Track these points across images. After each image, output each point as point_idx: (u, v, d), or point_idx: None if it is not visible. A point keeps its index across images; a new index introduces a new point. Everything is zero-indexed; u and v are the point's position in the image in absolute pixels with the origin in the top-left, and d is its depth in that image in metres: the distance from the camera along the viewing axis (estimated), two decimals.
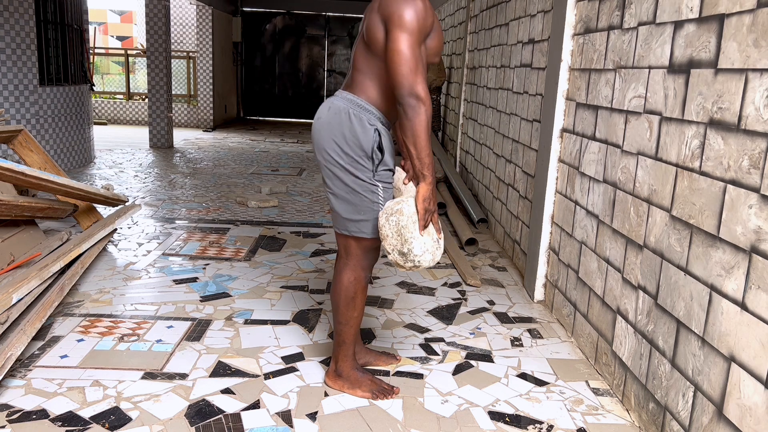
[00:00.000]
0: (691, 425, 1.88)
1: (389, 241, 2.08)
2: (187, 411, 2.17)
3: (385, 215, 2.08)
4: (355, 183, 2.12)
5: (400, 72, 1.94)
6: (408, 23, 1.95)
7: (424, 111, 1.96)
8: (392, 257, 2.11)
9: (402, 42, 1.95)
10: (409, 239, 2.06)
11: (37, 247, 3.50)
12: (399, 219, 2.05)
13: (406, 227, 2.05)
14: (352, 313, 2.27)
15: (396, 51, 1.95)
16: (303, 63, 13.97)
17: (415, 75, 1.94)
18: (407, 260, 2.10)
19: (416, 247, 2.07)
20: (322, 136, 2.15)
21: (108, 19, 28.98)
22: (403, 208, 2.06)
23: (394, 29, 1.96)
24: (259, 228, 4.66)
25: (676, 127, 2.05)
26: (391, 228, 2.06)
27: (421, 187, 2.07)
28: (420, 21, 1.97)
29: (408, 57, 1.94)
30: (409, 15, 1.95)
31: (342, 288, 2.25)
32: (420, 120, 1.96)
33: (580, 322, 2.83)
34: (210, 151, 8.83)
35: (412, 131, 1.98)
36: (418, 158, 2.02)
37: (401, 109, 1.97)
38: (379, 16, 2.02)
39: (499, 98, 4.75)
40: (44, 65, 6.29)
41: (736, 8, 1.75)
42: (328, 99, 2.21)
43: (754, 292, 1.62)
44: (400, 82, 1.95)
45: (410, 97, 1.95)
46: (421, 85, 1.95)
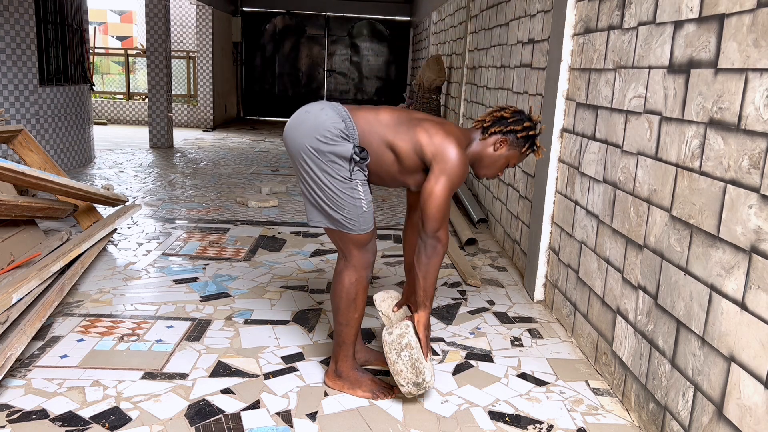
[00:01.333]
0: (691, 425, 1.88)
1: (404, 376, 2.15)
2: (187, 411, 2.17)
3: (394, 351, 2.14)
4: (332, 181, 2.13)
5: (432, 214, 2.11)
6: (454, 174, 2.13)
7: (441, 253, 2.17)
8: (406, 389, 2.17)
9: (443, 187, 2.11)
10: (422, 370, 2.14)
11: (37, 247, 3.50)
12: (411, 353, 2.13)
13: (418, 360, 2.14)
14: (353, 314, 2.27)
15: (435, 193, 2.11)
16: (303, 63, 13.97)
17: (443, 221, 2.13)
18: (420, 388, 2.18)
19: (427, 374, 2.16)
20: (302, 130, 2.14)
21: (108, 19, 28.97)
22: (410, 341, 2.14)
23: (441, 172, 2.12)
24: (259, 228, 4.66)
25: (676, 127, 2.05)
26: (405, 363, 2.14)
27: (422, 316, 2.21)
28: (462, 178, 2.16)
29: (442, 203, 2.11)
30: (458, 167, 2.13)
31: (343, 289, 2.25)
32: (436, 260, 2.16)
33: (580, 322, 2.83)
34: (210, 151, 8.83)
35: (427, 267, 2.16)
36: (425, 290, 2.18)
37: (422, 244, 2.16)
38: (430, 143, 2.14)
39: (499, 98, 4.75)
40: (44, 65, 6.29)
41: (736, 8, 1.75)
42: (324, 102, 2.23)
43: (754, 292, 1.62)
44: (429, 223, 2.12)
45: (433, 239, 2.14)
46: (444, 231, 2.15)
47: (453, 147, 2.12)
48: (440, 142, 2.13)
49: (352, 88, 14.17)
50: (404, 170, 2.21)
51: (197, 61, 11.70)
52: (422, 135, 2.15)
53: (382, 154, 2.18)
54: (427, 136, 2.14)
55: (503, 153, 2.26)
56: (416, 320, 2.21)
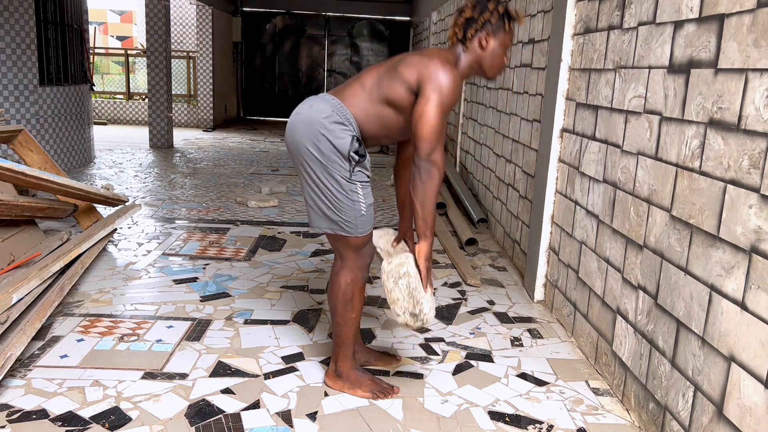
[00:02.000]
0: (691, 425, 1.88)
1: (400, 305, 2.10)
2: (187, 411, 2.17)
3: (392, 278, 2.10)
4: (332, 182, 2.11)
5: (425, 135, 2.01)
6: (446, 92, 2.02)
7: (437, 177, 2.05)
8: (402, 319, 2.13)
9: (435, 106, 2.02)
10: (420, 300, 2.09)
11: (37, 247, 3.50)
12: (409, 281, 2.08)
13: (416, 288, 2.09)
14: (350, 314, 2.27)
15: (426, 113, 2.01)
16: (303, 63, 13.97)
17: (437, 141, 2.02)
18: (417, 320, 2.13)
19: (425, 306, 2.11)
20: (298, 133, 2.14)
21: (108, 19, 28.97)
22: (409, 270, 2.09)
23: (431, 91, 2.02)
24: (259, 228, 4.66)
25: (676, 127, 2.05)
26: (402, 291, 2.09)
27: (423, 247, 2.13)
28: (454, 94, 2.05)
29: (435, 123, 2.01)
30: (449, 85, 2.03)
31: (339, 290, 2.25)
32: (433, 184, 2.04)
33: (580, 322, 2.83)
34: (210, 151, 8.83)
35: (423, 193, 2.05)
36: (424, 219, 2.09)
37: (416, 169, 2.04)
38: (414, 71, 2.06)
39: (499, 98, 4.75)
40: (44, 65, 6.29)
41: (736, 8, 1.75)
42: (311, 97, 2.22)
43: (754, 292, 1.62)
44: (422, 145, 2.02)
45: (428, 162, 2.03)
46: (439, 153, 2.04)
47: (437, 64, 2.05)
48: (424, 64, 2.07)
49: None
50: (409, 117, 2.13)
51: (197, 61, 11.70)
52: (405, 70, 2.09)
53: (381, 114, 2.14)
54: (410, 67, 2.08)
55: (492, 45, 2.17)
56: (417, 251, 2.13)
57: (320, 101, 2.15)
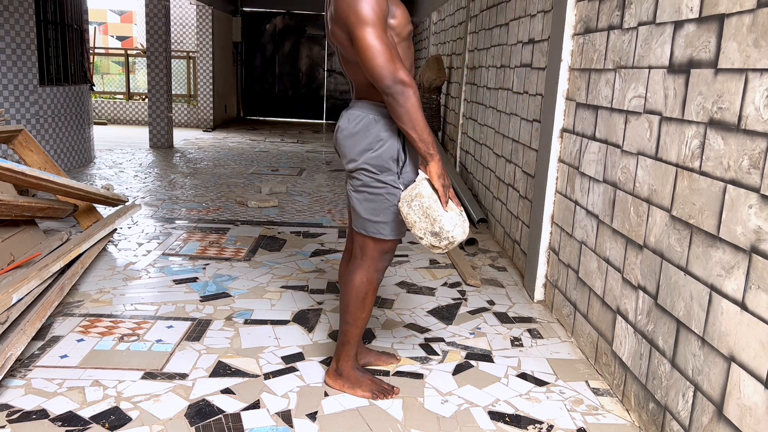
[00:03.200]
0: (691, 425, 1.88)
1: (419, 226, 2.06)
2: (187, 411, 2.17)
3: (405, 203, 2.06)
4: (379, 185, 2.11)
5: (377, 65, 1.91)
6: (366, 16, 1.91)
7: (413, 93, 1.93)
8: (426, 241, 2.08)
9: (368, 37, 1.91)
10: (437, 218, 2.04)
11: (37, 247, 3.50)
12: (421, 202, 2.04)
13: (430, 207, 2.03)
14: (361, 314, 2.27)
15: (366, 47, 1.92)
16: (303, 63, 13.97)
17: (393, 63, 1.91)
18: (441, 239, 2.07)
19: (446, 223, 2.05)
20: (347, 146, 2.14)
21: (108, 19, 28.97)
22: (422, 190, 2.05)
23: (355, 29, 1.93)
24: (259, 228, 4.66)
25: (676, 127, 2.05)
26: (416, 213, 2.05)
27: (432, 166, 2.05)
28: (375, 8, 1.92)
29: (379, 48, 1.91)
30: (364, 8, 1.92)
31: (353, 288, 2.24)
32: (412, 103, 1.93)
33: (580, 322, 2.83)
34: (210, 151, 8.83)
35: (408, 115, 1.95)
36: (421, 140, 2.00)
37: (390, 99, 1.94)
38: (338, 23, 2.01)
39: (499, 98, 4.75)
40: (44, 65, 6.29)
41: (736, 8, 1.75)
42: (344, 111, 2.21)
43: (754, 292, 1.62)
44: (381, 74, 1.91)
45: (396, 85, 1.91)
46: (402, 70, 1.91)
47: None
48: (338, 12, 1.99)
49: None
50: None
51: (197, 61, 11.70)
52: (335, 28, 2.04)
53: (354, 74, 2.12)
54: (334, 24, 2.03)
55: None
56: (428, 172, 2.07)
57: (355, 110, 2.15)
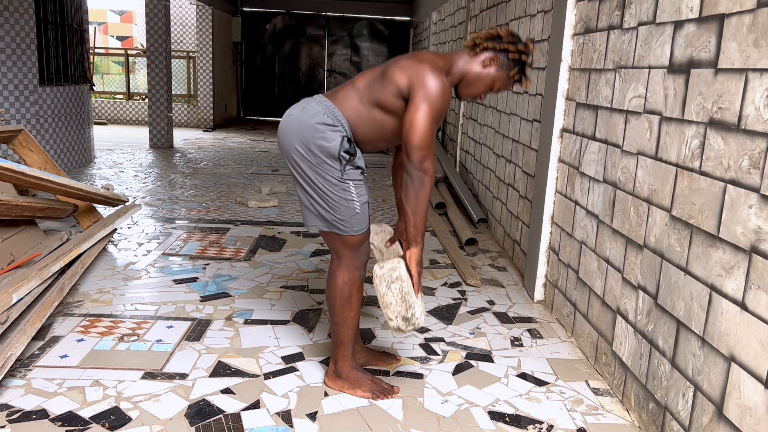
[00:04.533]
0: (691, 425, 1.88)
1: (393, 309, 2.11)
2: (187, 411, 2.17)
3: (384, 283, 2.11)
4: (324, 182, 2.12)
5: (415, 143, 2.02)
6: (435, 99, 2.02)
7: (429, 185, 2.07)
8: (394, 324, 2.15)
9: (424, 114, 2.02)
10: (412, 304, 2.11)
11: (37, 247, 3.50)
12: (401, 285, 2.10)
13: (408, 293, 2.10)
14: (348, 314, 2.27)
15: (417, 120, 2.01)
16: (303, 63, 13.97)
17: (428, 150, 2.03)
18: (409, 324, 2.14)
19: (417, 309, 2.12)
20: (289, 135, 2.15)
21: (108, 19, 28.97)
22: (401, 274, 2.11)
23: (420, 99, 2.02)
24: (259, 228, 4.66)
25: (676, 127, 2.05)
26: (395, 296, 2.10)
27: (414, 252, 2.14)
28: (444, 102, 2.05)
29: (425, 131, 2.02)
30: (438, 92, 2.03)
31: (336, 289, 2.25)
32: (424, 192, 2.06)
33: (580, 322, 2.83)
34: (210, 151, 8.83)
35: (415, 201, 2.07)
36: (415, 225, 2.11)
37: (408, 177, 2.06)
38: (405, 77, 2.06)
39: (499, 98, 4.75)
40: (44, 65, 6.29)
41: (736, 8, 1.75)
42: (304, 99, 2.23)
43: (754, 292, 1.62)
44: (413, 153, 2.02)
45: (419, 170, 2.04)
46: (430, 161, 2.04)
47: (428, 71, 2.05)
48: (414, 70, 2.06)
49: None
50: (399, 121, 2.13)
51: (197, 61, 11.70)
52: (396, 74, 2.09)
53: (374, 117, 2.14)
54: (400, 71, 2.08)
55: (491, 72, 2.17)
56: (408, 256, 2.14)
57: (313, 103, 2.17)
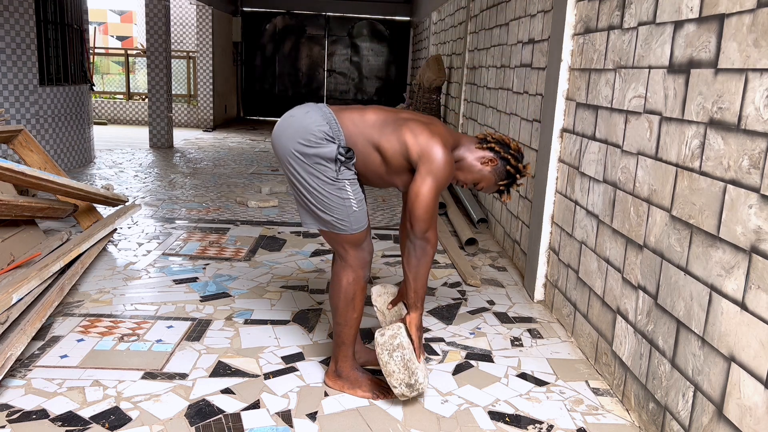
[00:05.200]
0: (691, 425, 1.88)
1: (396, 377, 2.14)
2: (187, 411, 2.17)
3: (386, 351, 2.14)
4: (320, 183, 2.13)
5: (420, 215, 2.09)
6: (440, 175, 2.10)
7: (431, 254, 2.16)
8: (399, 391, 2.16)
9: (429, 187, 2.09)
10: (415, 371, 2.13)
11: (37, 247, 3.50)
12: (403, 353, 2.13)
13: (410, 360, 2.13)
14: (352, 314, 2.28)
15: (422, 194, 2.08)
16: (303, 63, 13.97)
17: (431, 221, 2.11)
18: (413, 390, 2.16)
19: (420, 375, 2.15)
20: (287, 134, 2.16)
21: (108, 19, 28.97)
22: (402, 341, 2.14)
23: (427, 173, 2.09)
24: (259, 228, 4.66)
25: (676, 127, 2.05)
26: (398, 364, 2.13)
27: (414, 317, 2.21)
28: (448, 178, 2.14)
29: (430, 204, 2.09)
30: (444, 168, 2.10)
31: (341, 289, 2.25)
32: (426, 260, 2.16)
33: (580, 322, 2.83)
34: (210, 151, 8.83)
35: (417, 268, 2.16)
36: (416, 291, 2.19)
37: (411, 246, 2.15)
38: (415, 145, 2.11)
39: (499, 98, 4.75)
40: (44, 65, 6.29)
41: (736, 8, 1.75)
42: (309, 104, 2.23)
43: (754, 292, 1.62)
44: (417, 224, 2.10)
45: (422, 240, 2.12)
46: (433, 231, 2.13)
47: (439, 147, 2.10)
48: (425, 142, 2.11)
49: (352, 88, 14.16)
50: (391, 171, 2.19)
51: (197, 61, 11.70)
52: (408, 135, 2.13)
53: (368, 155, 2.17)
54: (413, 136, 2.12)
55: (484, 171, 2.26)
56: (408, 322, 2.21)
57: (318, 112, 2.17)
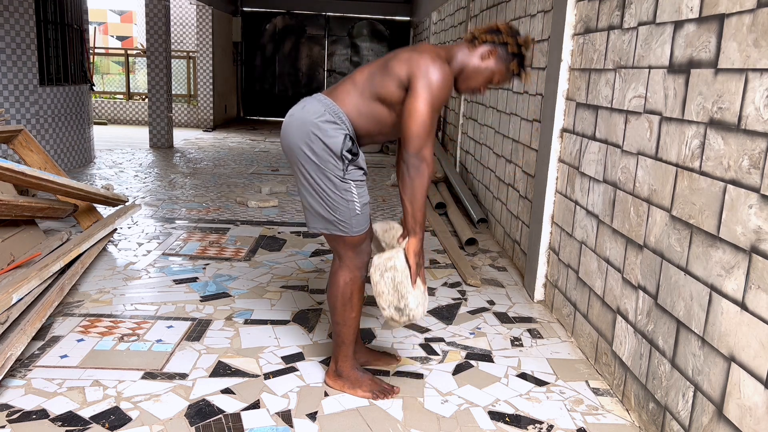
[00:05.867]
0: (691, 425, 1.88)
1: (385, 298, 2.11)
2: (187, 411, 2.17)
3: (378, 272, 2.10)
4: (326, 182, 2.12)
5: (414, 131, 1.99)
6: (436, 88, 2.00)
7: (427, 174, 2.03)
8: (387, 313, 2.14)
9: (425, 102, 1.99)
10: (405, 294, 2.09)
11: (37, 247, 3.50)
12: (394, 275, 2.09)
13: (401, 283, 2.09)
14: (350, 314, 2.27)
15: (416, 109, 1.99)
16: (303, 63, 13.97)
17: (427, 138, 2.00)
18: (403, 315, 2.13)
19: (411, 301, 2.11)
20: (292, 135, 2.15)
21: (108, 19, 28.97)
22: (396, 263, 2.09)
23: (421, 87, 1.99)
24: (259, 228, 4.66)
25: (676, 127, 2.05)
26: (387, 285, 2.09)
27: (412, 243, 2.12)
28: (445, 90, 2.02)
29: (425, 119, 1.99)
30: (439, 80, 2.00)
31: (338, 289, 2.25)
32: (422, 181, 2.03)
33: (580, 322, 2.83)
34: (210, 151, 8.83)
35: (412, 190, 2.04)
36: (413, 215, 2.08)
37: (405, 166, 2.03)
38: (405, 67, 2.04)
39: (499, 98, 4.75)
40: (44, 65, 6.29)
41: (736, 8, 1.75)
42: (304, 99, 2.22)
43: (754, 292, 1.62)
44: (411, 141, 2.00)
45: (417, 158, 2.01)
46: (429, 149, 2.02)
47: (429, 60, 2.03)
48: (416, 59, 2.04)
49: None
50: (400, 115, 2.11)
51: (197, 61, 11.70)
52: (396, 66, 2.07)
53: (374, 111, 2.13)
54: (400, 63, 2.07)
55: (490, 65, 2.15)
56: (406, 247, 2.12)
57: (313, 102, 2.16)
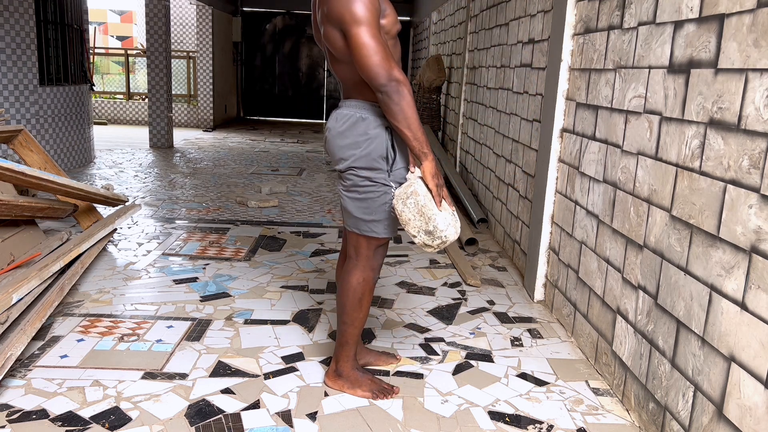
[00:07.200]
0: (691, 425, 1.88)
1: (413, 224, 2.06)
2: (187, 411, 2.17)
3: (400, 200, 2.07)
4: (370, 184, 2.12)
5: (373, 63, 1.93)
6: (361, 15, 1.93)
7: (407, 92, 1.95)
8: (419, 240, 2.09)
9: (363, 35, 1.93)
10: (432, 217, 2.04)
11: (37, 247, 3.50)
12: (417, 199, 2.04)
13: (425, 206, 2.04)
14: (358, 314, 2.27)
15: (361, 45, 1.93)
16: (303, 63, 13.97)
17: (388, 61, 1.93)
18: (435, 238, 2.08)
19: (440, 222, 2.06)
20: (336, 145, 2.15)
21: (108, 19, 28.98)
22: (417, 188, 2.05)
23: (351, 28, 1.94)
24: (259, 228, 4.66)
25: (676, 127, 2.05)
26: (411, 211, 2.05)
27: (426, 165, 2.06)
28: (370, 8, 1.94)
29: (374, 47, 1.93)
30: (358, 8, 1.93)
31: (350, 289, 2.24)
32: (407, 101, 1.95)
33: (580, 322, 2.83)
34: (210, 151, 8.83)
35: (403, 113, 1.96)
36: (415, 138, 2.01)
37: (384, 97, 1.95)
38: (330, 23, 2.01)
39: (499, 98, 4.75)
40: (44, 65, 6.29)
41: (736, 8, 1.75)
42: (334, 111, 2.22)
43: (754, 292, 1.62)
44: (376, 72, 1.93)
45: (391, 82, 1.93)
46: (396, 69, 1.94)
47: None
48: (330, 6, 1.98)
49: None
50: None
51: (197, 61, 11.70)
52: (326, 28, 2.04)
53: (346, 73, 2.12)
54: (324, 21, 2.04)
55: None
56: (422, 171, 2.08)
57: (343, 110, 2.16)
